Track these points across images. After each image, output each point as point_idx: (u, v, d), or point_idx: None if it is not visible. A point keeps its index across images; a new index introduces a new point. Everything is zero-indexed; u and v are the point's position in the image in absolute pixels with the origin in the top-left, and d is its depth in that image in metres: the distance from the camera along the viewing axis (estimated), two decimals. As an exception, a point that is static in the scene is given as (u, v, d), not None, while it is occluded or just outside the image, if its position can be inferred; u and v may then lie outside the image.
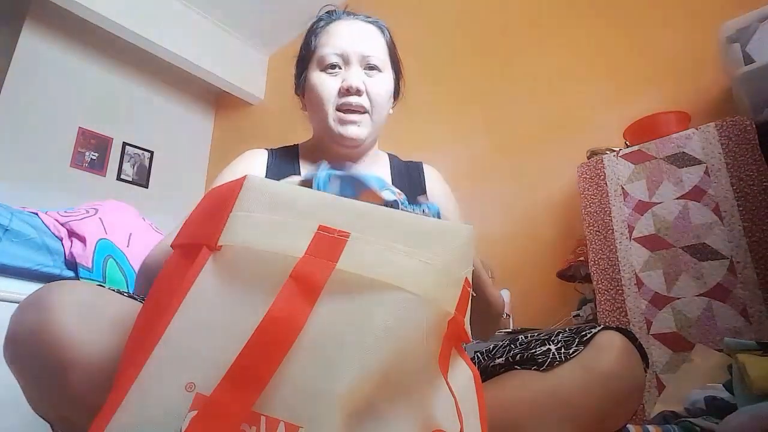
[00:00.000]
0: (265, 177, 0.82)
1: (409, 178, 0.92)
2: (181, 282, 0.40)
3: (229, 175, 0.82)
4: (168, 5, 2.91)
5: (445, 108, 2.31)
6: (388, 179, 0.91)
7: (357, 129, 0.81)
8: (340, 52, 0.81)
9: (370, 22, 0.88)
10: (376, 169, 0.91)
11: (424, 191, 0.90)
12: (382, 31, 0.88)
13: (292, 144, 0.96)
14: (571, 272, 1.58)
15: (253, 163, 0.87)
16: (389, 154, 0.97)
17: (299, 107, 0.93)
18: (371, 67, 0.83)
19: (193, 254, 0.42)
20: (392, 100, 0.90)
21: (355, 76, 0.80)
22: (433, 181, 0.94)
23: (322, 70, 0.83)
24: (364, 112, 0.82)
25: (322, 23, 0.87)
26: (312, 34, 0.87)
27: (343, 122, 0.81)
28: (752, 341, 0.88)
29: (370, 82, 0.82)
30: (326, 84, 0.81)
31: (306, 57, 0.87)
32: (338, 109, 0.81)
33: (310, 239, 0.41)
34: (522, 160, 1.97)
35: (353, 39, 0.82)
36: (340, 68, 0.82)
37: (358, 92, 0.80)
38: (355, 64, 0.82)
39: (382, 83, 0.83)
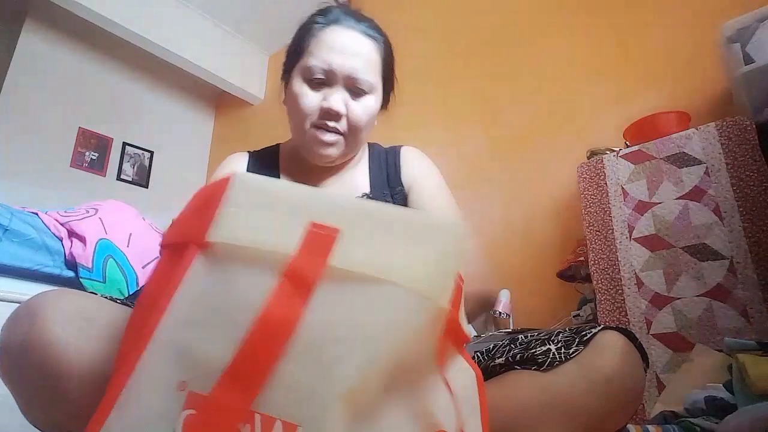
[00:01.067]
0: None
1: (387, 167, 0.89)
2: (170, 281, 0.40)
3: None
4: (168, 5, 2.91)
5: (444, 108, 2.31)
6: (366, 178, 0.88)
7: (330, 149, 0.79)
8: (327, 68, 0.76)
9: (367, 35, 0.80)
10: (353, 172, 0.88)
11: (400, 177, 0.87)
12: (378, 46, 0.82)
13: (274, 144, 0.94)
14: (571, 272, 1.57)
15: (232, 167, 0.87)
16: (370, 145, 0.93)
17: (281, 99, 0.87)
18: (357, 91, 0.78)
19: (181, 253, 0.42)
20: (376, 116, 0.85)
21: (337, 99, 0.76)
22: (409, 164, 0.88)
23: (305, 81, 0.78)
24: (339, 134, 0.79)
25: (317, 25, 0.80)
26: (305, 32, 0.82)
27: (317, 142, 0.78)
28: (752, 341, 0.88)
29: (352, 106, 0.78)
30: (307, 98, 0.77)
31: (294, 56, 0.83)
32: (315, 125, 0.78)
33: (301, 235, 0.40)
34: (522, 160, 1.97)
35: (344, 56, 0.76)
36: (324, 84, 0.78)
37: (337, 116, 0.77)
38: (340, 84, 0.77)
39: (365, 108, 0.79)
